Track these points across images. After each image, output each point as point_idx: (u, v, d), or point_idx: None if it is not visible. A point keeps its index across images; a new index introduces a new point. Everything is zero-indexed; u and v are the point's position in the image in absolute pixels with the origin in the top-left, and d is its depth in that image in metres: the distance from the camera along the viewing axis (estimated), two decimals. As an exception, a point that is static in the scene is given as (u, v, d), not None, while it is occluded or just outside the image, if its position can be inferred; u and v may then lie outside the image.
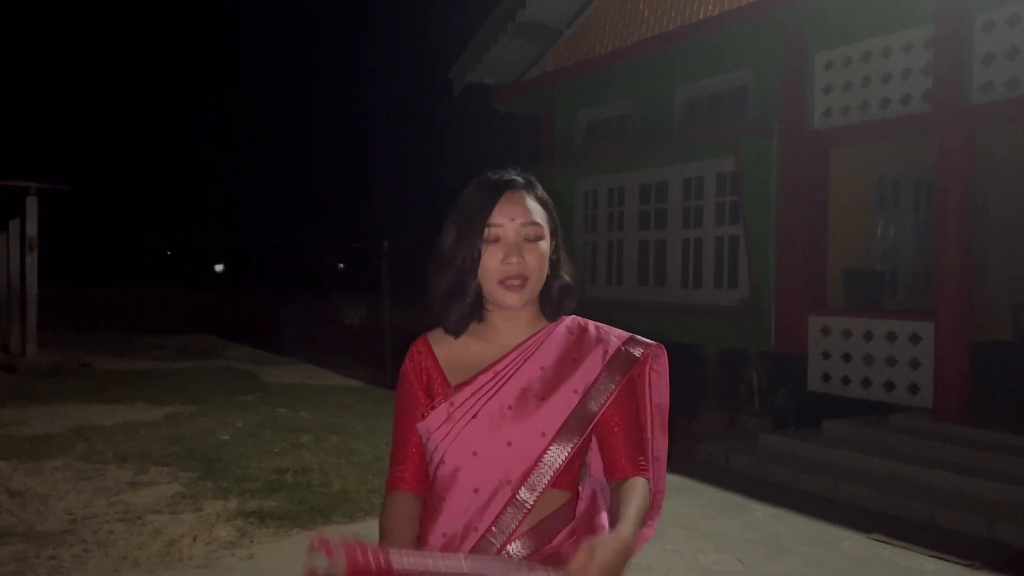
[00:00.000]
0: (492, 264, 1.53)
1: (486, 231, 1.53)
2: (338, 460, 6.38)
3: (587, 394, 1.53)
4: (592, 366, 1.55)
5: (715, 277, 8.55)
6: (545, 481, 1.48)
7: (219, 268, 38.69)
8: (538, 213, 1.57)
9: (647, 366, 1.61)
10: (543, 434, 1.49)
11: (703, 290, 8.66)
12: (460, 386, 1.54)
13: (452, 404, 1.52)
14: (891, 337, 6.89)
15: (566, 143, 10.77)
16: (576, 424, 1.50)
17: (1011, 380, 7.96)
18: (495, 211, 1.54)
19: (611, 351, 1.58)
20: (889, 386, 6.89)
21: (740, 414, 7.71)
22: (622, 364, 1.57)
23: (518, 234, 1.54)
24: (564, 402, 1.51)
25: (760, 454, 6.66)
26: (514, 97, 11.25)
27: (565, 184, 10.33)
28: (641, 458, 1.56)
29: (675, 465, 6.58)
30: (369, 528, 4.83)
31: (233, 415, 8.17)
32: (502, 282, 1.53)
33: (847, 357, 7.21)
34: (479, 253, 1.54)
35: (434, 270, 1.59)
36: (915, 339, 6.72)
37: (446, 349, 1.61)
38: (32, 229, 11.52)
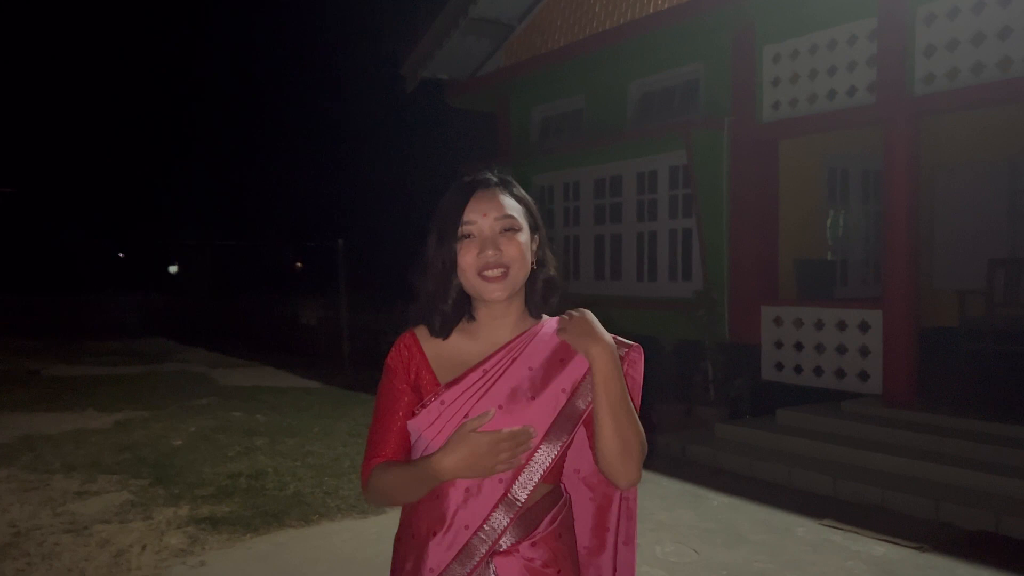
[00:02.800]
0: (468, 259, 1.54)
1: (459, 229, 1.55)
2: (293, 463, 6.30)
3: (575, 393, 1.55)
4: (579, 365, 1.56)
5: (670, 270, 8.62)
6: (536, 479, 1.51)
7: (173, 269, 37.97)
8: (513, 208, 1.58)
9: (625, 367, 1.62)
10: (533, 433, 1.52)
11: (658, 283, 8.72)
12: (450, 384, 1.54)
13: (443, 403, 1.52)
14: (841, 325, 7.00)
15: (521, 139, 10.76)
16: (565, 422, 1.53)
17: (957, 365, 8.17)
18: (467, 209, 1.55)
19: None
20: (840, 374, 7.01)
21: (696, 405, 7.77)
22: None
23: (492, 228, 1.55)
24: (553, 401, 1.53)
25: (716, 444, 6.73)
26: (468, 93, 11.21)
27: (521, 179, 10.14)
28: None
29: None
30: (324, 531, 4.78)
31: (186, 420, 8.03)
32: (480, 273, 1.53)
33: (799, 346, 7.32)
34: (455, 252, 1.55)
35: (418, 275, 1.61)
36: (864, 327, 6.84)
37: (434, 345, 1.62)
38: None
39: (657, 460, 6.60)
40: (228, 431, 7.45)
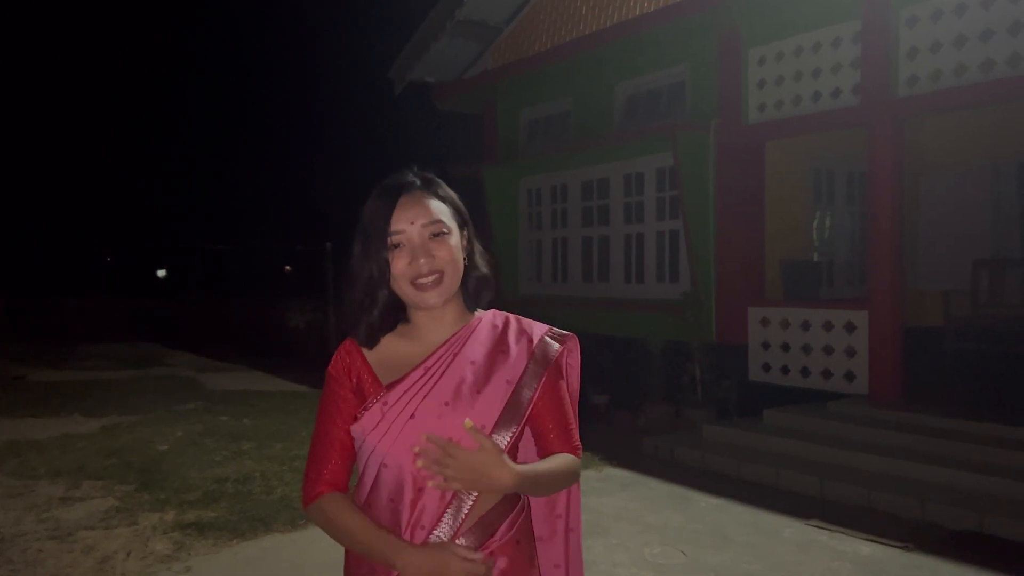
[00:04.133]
0: (400, 268, 1.53)
1: (389, 239, 1.53)
2: (280, 467, 6.27)
3: (519, 383, 1.55)
4: (520, 356, 1.58)
5: (657, 271, 8.64)
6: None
7: (161, 274, 37.78)
8: (440, 211, 1.56)
9: (564, 356, 1.65)
10: (482, 427, 1.49)
11: (646, 285, 8.74)
12: (392, 385, 1.52)
13: (386, 404, 1.50)
14: (827, 326, 7.04)
15: (509, 141, 10.77)
16: (512, 413, 1.53)
17: (942, 365, 8.22)
18: (394, 217, 1.53)
19: (535, 341, 1.61)
20: (827, 374, 7.05)
21: (684, 406, 7.79)
22: (545, 354, 1.61)
23: (421, 235, 1.53)
24: (499, 393, 1.53)
25: (704, 446, 6.74)
26: (455, 96, 11.21)
27: (508, 182, 10.33)
28: (574, 441, 1.62)
29: (622, 459, 6.63)
30: (311, 536, 4.76)
31: (173, 424, 7.98)
32: (414, 283, 1.52)
33: (786, 347, 7.35)
34: (386, 262, 1.53)
35: (346, 284, 1.59)
36: (850, 327, 6.88)
37: (375, 351, 1.60)
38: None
39: (645, 462, 6.61)
40: (215, 436, 7.42)
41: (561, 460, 1.58)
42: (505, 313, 1.68)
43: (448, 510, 1.48)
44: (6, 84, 40.16)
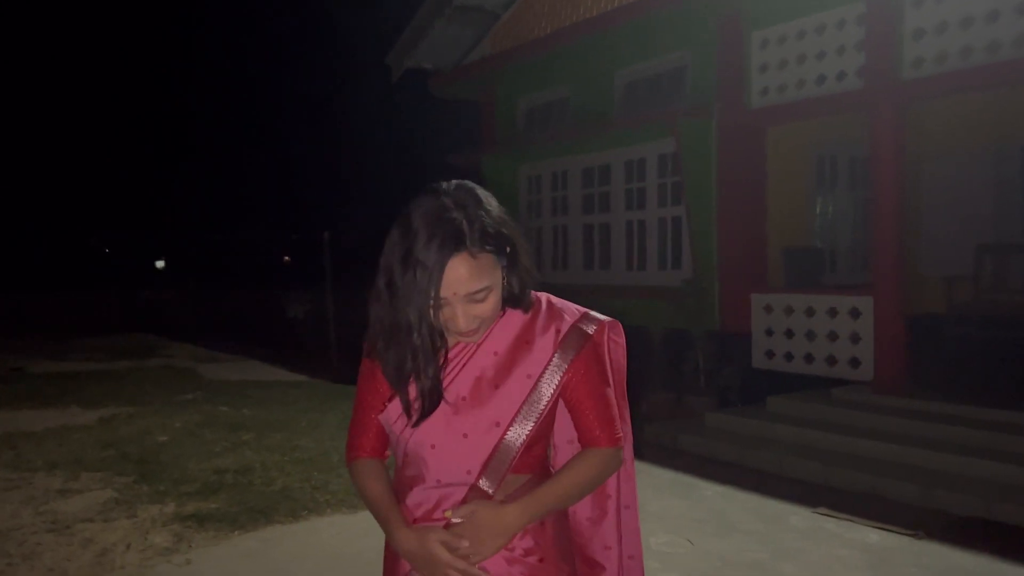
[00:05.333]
0: (442, 318, 1.47)
1: (429, 305, 1.44)
2: (281, 458, 6.22)
3: (540, 378, 1.51)
4: (545, 347, 1.53)
5: (659, 258, 8.57)
6: (504, 468, 1.48)
7: (160, 264, 37.67)
8: (485, 271, 1.43)
9: (605, 338, 1.59)
10: (497, 423, 1.48)
11: (647, 272, 8.67)
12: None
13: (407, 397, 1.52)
14: (832, 312, 6.97)
15: (507, 128, 10.67)
16: (530, 409, 1.49)
17: (946, 351, 8.16)
18: (442, 285, 1.41)
19: (564, 330, 1.54)
20: (831, 361, 6.99)
21: (687, 394, 7.74)
22: (575, 342, 1.54)
23: (465, 302, 1.44)
24: (518, 388, 1.50)
25: (707, 433, 6.69)
26: (453, 83, 11.10)
27: (507, 169, 10.24)
28: (614, 429, 1.56)
29: (623, 448, 6.59)
30: (312, 527, 4.71)
31: (172, 415, 7.92)
32: (455, 333, 1.49)
33: (789, 333, 7.29)
34: (425, 314, 1.45)
35: (375, 308, 1.49)
36: (855, 313, 6.81)
37: None
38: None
39: (648, 450, 6.56)
40: (214, 426, 7.36)
41: (583, 464, 1.54)
42: (541, 295, 1.60)
43: (466, 504, 1.49)
44: (6, 76, 39.95)
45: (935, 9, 6.23)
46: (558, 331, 1.54)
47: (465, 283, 1.41)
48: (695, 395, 7.66)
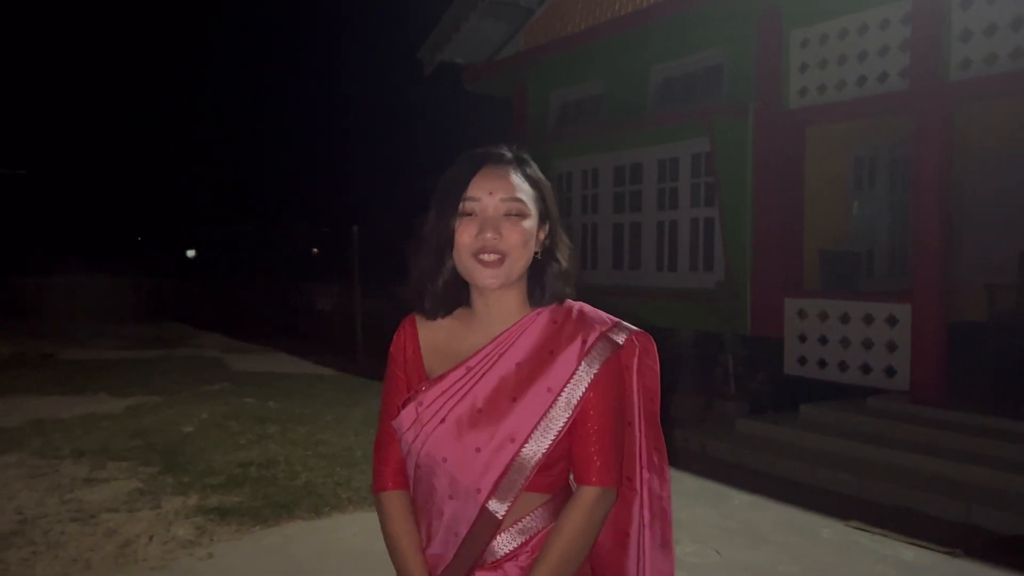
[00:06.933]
0: (466, 238, 1.40)
1: (461, 205, 1.40)
2: (305, 452, 6.19)
3: (562, 392, 1.39)
4: (569, 359, 1.40)
5: (690, 260, 8.43)
6: (517, 488, 1.38)
7: (190, 254, 38.11)
8: (523, 191, 1.43)
9: (635, 357, 1.45)
10: (512, 439, 1.37)
11: (678, 273, 8.53)
12: (431, 383, 1.43)
13: (420, 404, 1.42)
14: (868, 319, 6.80)
15: (539, 124, 10.57)
16: (549, 426, 1.38)
17: (986, 361, 7.93)
18: (472, 184, 1.40)
19: (591, 341, 1.42)
20: (866, 369, 6.81)
21: (716, 399, 7.60)
22: (601, 353, 1.41)
23: (497, 209, 1.40)
24: (537, 402, 1.39)
25: (737, 439, 6.56)
26: (486, 78, 11.02)
27: (539, 166, 10.12)
28: (612, 465, 1.41)
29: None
30: (334, 524, 4.67)
31: (199, 406, 7.95)
32: (475, 255, 1.39)
33: (824, 340, 7.12)
34: (453, 229, 1.41)
35: (413, 251, 1.48)
36: (892, 321, 6.64)
37: (431, 332, 1.51)
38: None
39: (675, 456, 6.45)
40: (240, 418, 7.37)
41: (567, 525, 1.38)
42: (572, 304, 1.50)
43: (477, 524, 1.39)
44: (39, 65, 40.56)
45: (984, 10, 6.03)
46: (584, 341, 1.42)
47: (501, 186, 1.40)
48: (725, 400, 7.53)
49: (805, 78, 7.34)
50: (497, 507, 1.38)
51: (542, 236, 1.46)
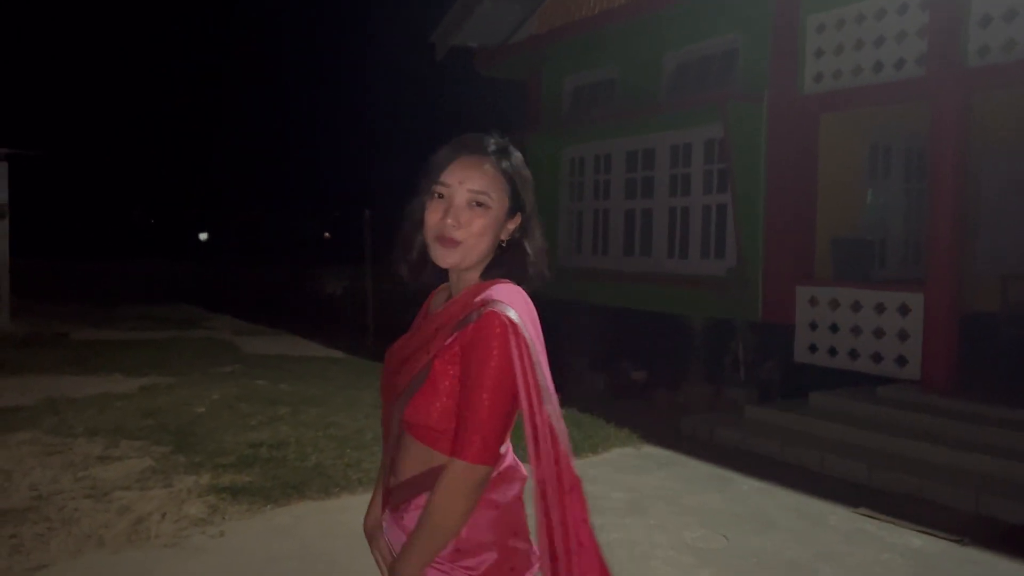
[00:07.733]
0: (432, 220, 1.54)
1: (433, 187, 1.54)
2: (315, 434, 6.23)
3: (436, 356, 1.51)
4: (445, 332, 1.52)
5: (702, 246, 8.40)
6: (393, 440, 1.58)
7: (203, 237, 38.24)
8: (494, 183, 1.53)
9: (505, 334, 1.42)
10: (398, 396, 1.56)
11: (690, 260, 8.51)
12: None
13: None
14: (879, 308, 6.77)
15: (552, 109, 10.54)
16: (415, 383, 1.51)
17: (999, 352, 7.89)
18: (447, 170, 1.53)
19: (459, 317, 1.51)
20: (877, 358, 6.79)
21: (726, 386, 7.60)
22: (459, 327, 1.49)
23: (463, 197, 1.52)
24: (416, 364, 1.54)
25: (746, 426, 6.56)
26: (499, 62, 10.98)
27: (551, 151, 10.12)
28: (466, 440, 1.41)
29: (660, 438, 6.47)
30: (344, 504, 4.70)
31: (211, 387, 8.01)
32: (436, 237, 1.53)
33: (835, 328, 7.09)
34: (423, 207, 1.56)
35: (401, 224, 1.65)
36: (904, 310, 6.60)
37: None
38: (3, 196, 11.21)
39: (683, 441, 6.46)
40: (251, 400, 7.42)
41: (431, 497, 1.44)
42: (493, 283, 1.51)
43: (393, 460, 1.61)
44: (56, 48, 40.69)
45: (1004, -5, 5.95)
46: (455, 317, 1.51)
47: (472, 177, 1.51)
48: (734, 387, 7.53)
49: (821, 64, 7.28)
50: (387, 455, 1.61)
51: (511, 227, 1.57)
